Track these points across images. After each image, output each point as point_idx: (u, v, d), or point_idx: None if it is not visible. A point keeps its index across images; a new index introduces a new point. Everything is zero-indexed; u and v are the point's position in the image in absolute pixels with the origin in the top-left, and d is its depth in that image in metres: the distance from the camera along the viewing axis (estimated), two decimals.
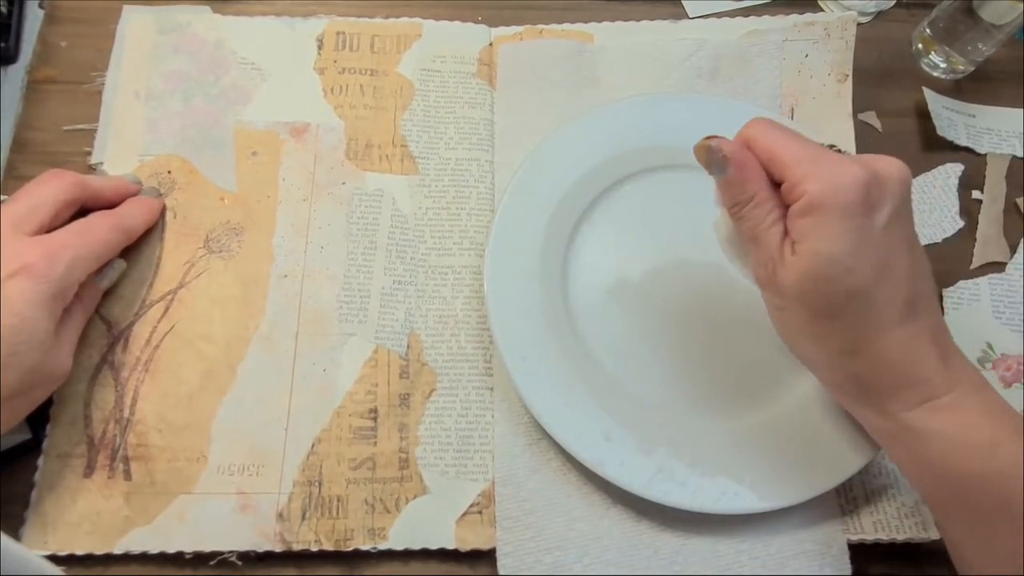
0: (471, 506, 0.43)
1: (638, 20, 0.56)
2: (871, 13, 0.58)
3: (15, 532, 0.41)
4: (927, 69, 0.57)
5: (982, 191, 0.53)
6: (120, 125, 0.50)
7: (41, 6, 0.52)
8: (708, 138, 0.36)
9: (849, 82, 0.54)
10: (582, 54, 0.54)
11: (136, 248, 0.47)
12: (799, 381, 0.46)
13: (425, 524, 0.42)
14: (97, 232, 0.43)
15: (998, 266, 0.51)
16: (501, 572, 0.41)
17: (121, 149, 0.49)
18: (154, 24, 0.52)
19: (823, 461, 0.43)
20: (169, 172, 0.49)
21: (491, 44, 0.54)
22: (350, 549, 0.42)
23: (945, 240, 0.52)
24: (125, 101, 0.50)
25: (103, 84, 0.51)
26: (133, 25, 0.52)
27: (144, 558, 0.41)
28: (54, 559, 0.40)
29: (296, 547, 0.41)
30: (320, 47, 0.53)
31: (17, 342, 0.37)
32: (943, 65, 0.56)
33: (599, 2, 0.57)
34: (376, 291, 0.47)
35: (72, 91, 0.51)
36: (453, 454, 0.44)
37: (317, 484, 0.43)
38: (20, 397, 0.39)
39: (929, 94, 0.55)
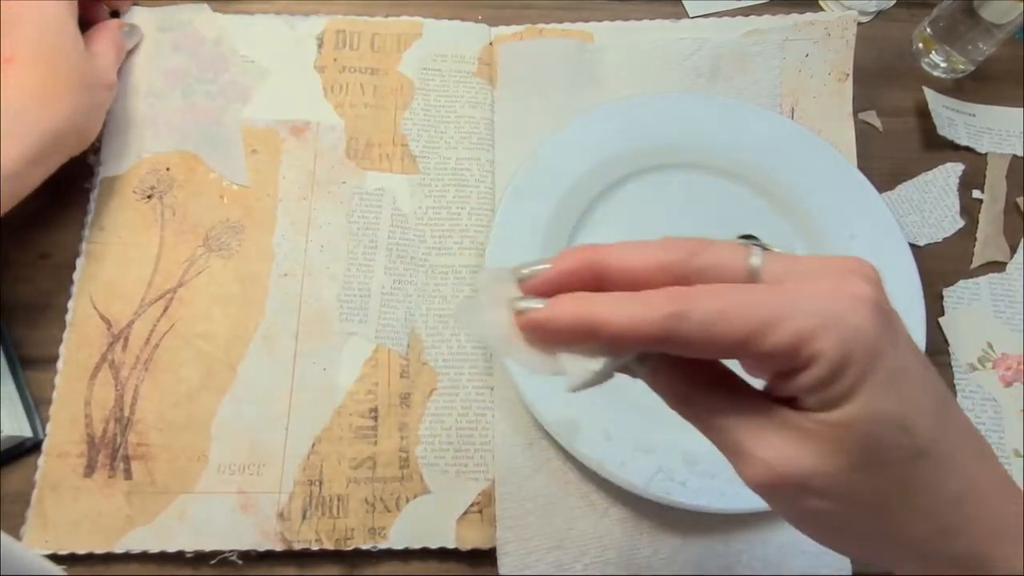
0: (471, 505, 0.43)
1: (638, 19, 0.56)
2: (871, 12, 0.58)
3: (16, 531, 0.41)
4: (927, 68, 0.57)
5: (982, 190, 0.53)
6: (120, 122, 0.50)
7: None
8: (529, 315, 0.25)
9: (849, 81, 0.54)
10: (582, 53, 0.54)
11: (135, 246, 0.47)
12: None
13: (425, 523, 0.42)
14: None
15: (998, 266, 0.51)
16: (501, 571, 0.42)
17: (121, 146, 0.49)
18: (154, 22, 0.52)
19: None
20: (168, 169, 0.49)
21: (491, 43, 0.54)
22: (350, 548, 0.42)
23: (945, 239, 0.52)
24: (125, 98, 0.50)
25: None
26: (133, 23, 0.52)
27: (145, 557, 0.41)
28: (55, 558, 0.40)
29: (297, 546, 0.41)
30: (320, 46, 0.53)
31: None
32: (943, 64, 0.56)
33: (599, 1, 0.57)
34: (376, 290, 0.47)
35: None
36: (453, 453, 0.44)
37: (318, 483, 0.43)
38: (79, 96, 0.44)
39: (929, 93, 0.55)
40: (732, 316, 0.22)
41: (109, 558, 0.41)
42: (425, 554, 0.42)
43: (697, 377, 0.25)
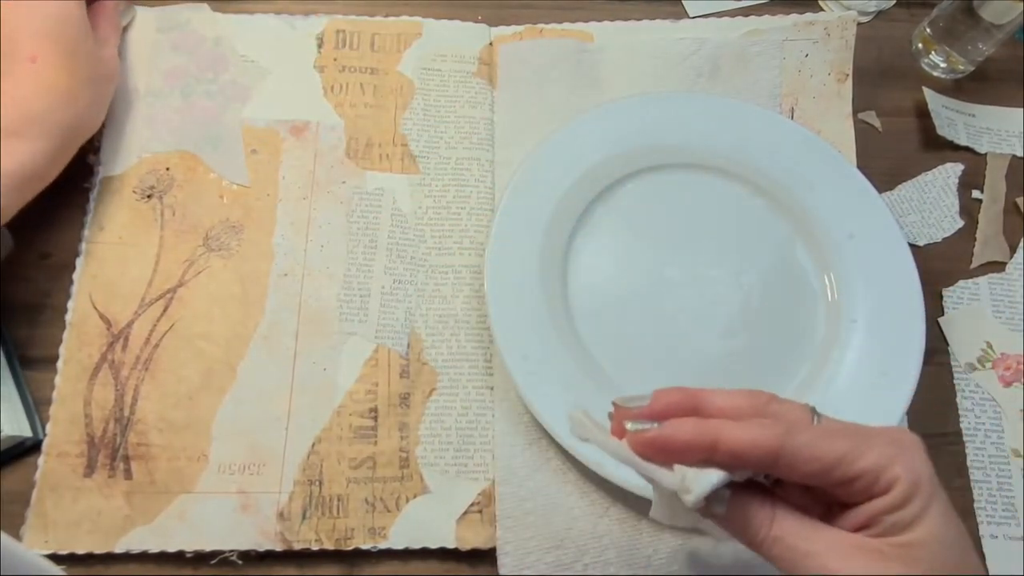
0: (471, 505, 0.43)
1: (638, 19, 0.56)
2: (871, 13, 0.58)
3: (16, 531, 0.41)
4: (927, 69, 0.57)
5: (982, 191, 0.53)
6: (119, 122, 0.50)
7: None
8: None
9: (849, 82, 0.54)
10: (582, 53, 0.54)
11: (135, 246, 0.47)
12: (798, 379, 0.46)
13: (425, 523, 0.42)
14: None
15: (998, 266, 0.51)
16: (501, 571, 0.42)
17: (120, 146, 0.49)
18: (153, 22, 0.52)
19: None
20: (167, 169, 0.49)
21: (491, 43, 0.54)
22: (350, 548, 0.42)
23: (945, 239, 0.52)
24: (124, 98, 0.50)
25: None
26: (133, 23, 0.52)
27: (144, 557, 0.41)
28: (54, 558, 0.40)
29: (297, 546, 0.41)
30: (320, 45, 0.53)
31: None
32: (943, 65, 0.56)
33: (599, 1, 0.57)
34: (376, 290, 0.47)
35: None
36: (453, 453, 0.44)
37: (318, 483, 0.43)
38: (93, 89, 0.45)
39: (929, 93, 0.55)
40: (828, 442, 0.28)
41: (109, 558, 0.41)
42: (425, 554, 0.42)
43: (788, 509, 0.29)
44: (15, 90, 0.42)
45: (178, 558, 0.41)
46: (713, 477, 0.27)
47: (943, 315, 0.50)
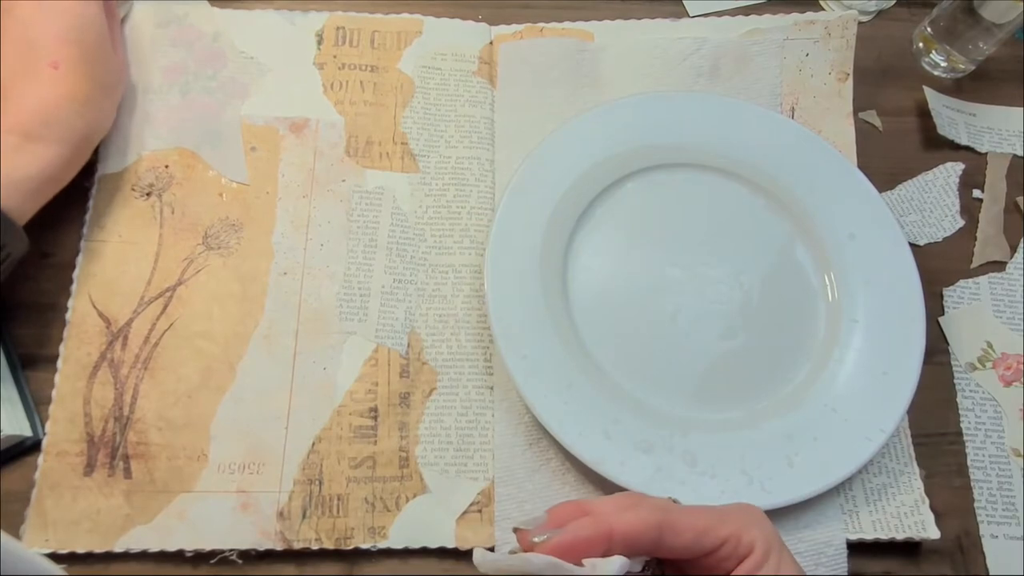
0: (471, 505, 0.43)
1: (638, 19, 0.56)
2: (872, 12, 0.58)
3: (15, 530, 0.41)
4: (928, 68, 0.57)
5: (982, 190, 0.53)
6: (118, 120, 0.49)
7: None
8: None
9: (850, 81, 0.54)
10: (582, 53, 0.54)
11: (134, 244, 0.47)
12: (798, 379, 0.46)
13: (425, 523, 0.42)
14: None
15: (998, 265, 0.51)
16: None
17: (119, 144, 0.49)
18: (152, 17, 0.52)
19: (822, 459, 0.43)
20: (166, 167, 0.49)
21: (491, 42, 0.54)
22: (350, 548, 0.42)
23: (945, 239, 0.52)
24: (123, 95, 0.50)
25: None
26: (131, 18, 0.52)
27: (144, 556, 0.41)
28: (54, 557, 0.40)
29: (296, 546, 0.41)
30: (320, 42, 0.53)
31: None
32: (944, 64, 0.56)
33: (600, 1, 0.57)
34: (376, 289, 0.47)
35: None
36: (453, 453, 0.44)
37: (317, 483, 0.43)
38: (108, 94, 0.46)
39: (930, 93, 0.55)
40: (695, 516, 0.31)
41: (109, 557, 0.41)
42: (425, 553, 0.42)
43: None
44: (36, 95, 0.42)
45: (178, 557, 0.41)
46: (616, 561, 0.30)
47: (943, 315, 0.50)
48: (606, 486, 0.43)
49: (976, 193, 0.53)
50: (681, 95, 0.52)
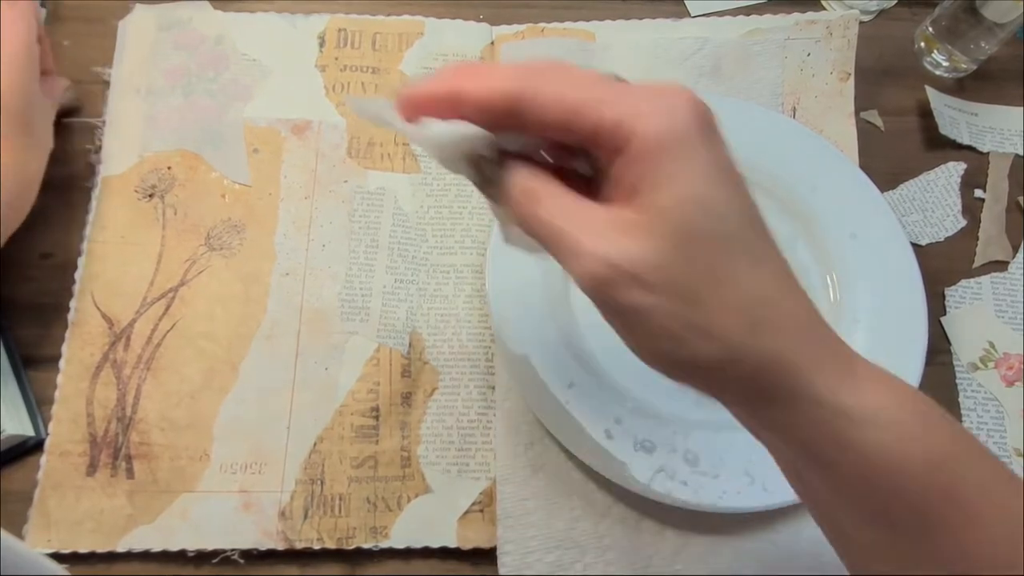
0: (472, 505, 0.43)
1: (640, 19, 0.56)
2: (873, 11, 0.58)
3: (18, 530, 0.41)
4: (929, 68, 0.57)
5: (984, 190, 0.53)
6: (120, 121, 0.50)
7: (43, 5, 0.52)
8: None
9: (851, 81, 0.54)
10: (584, 53, 0.54)
11: (137, 245, 0.47)
12: None
13: (427, 522, 0.43)
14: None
15: (1000, 265, 0.51)
16: (502, 571, 0.42)
17: (122, 145, 0.49)
18: (154, 20, 0.52)
19: None
20: (169, 168, 0.49)
21: (493, 43, 0.54)
22: (352, 547, 0.42)
23: (947, 239, 0.52)
24: (125, 98, 0.50)
25: (107, 81, 0.51)
26: (134, 22, 0.52)
27: (147, 556, 0.41)
28: (57, 557, 0.40)
29: (298, 545, 0.41)
30: (322, 44, 0.53)
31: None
32: (945, 64, 0.56)
33: (601, 1, 0.57)
34: (378, 290, 0.47)
35: (75, 89, 0.51)
36: (455, 453, 0.44)
37: (319, 482, 0.43)
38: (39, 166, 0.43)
39: (931, 92, 0.55)
40: (579, 90, 0.25)
41: (111, 557, 0.41)
42: (426, 553, 0.43)
43: (546, 178, 0.27)
44: None
45: (180, 557, 0.41)
46: (451, 126, 0.25)
47: (945, 315, 0.50)
48: (608, 486, 0.43)
49: (978, 193, 0.53)
50: None
